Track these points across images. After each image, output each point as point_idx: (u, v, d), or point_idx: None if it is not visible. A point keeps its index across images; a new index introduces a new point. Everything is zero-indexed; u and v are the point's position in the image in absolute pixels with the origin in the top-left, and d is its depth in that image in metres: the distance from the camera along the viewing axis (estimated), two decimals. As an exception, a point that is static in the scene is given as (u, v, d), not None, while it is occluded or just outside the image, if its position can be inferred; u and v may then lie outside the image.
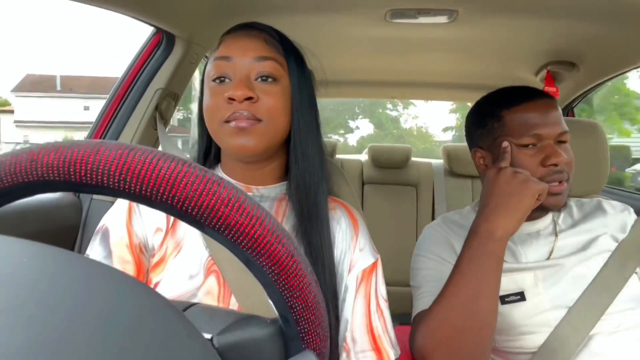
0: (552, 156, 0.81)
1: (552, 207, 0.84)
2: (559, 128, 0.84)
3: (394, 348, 0.71)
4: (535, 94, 0.88)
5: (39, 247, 0.26)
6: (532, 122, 0.83)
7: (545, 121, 0.83)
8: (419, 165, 2.42)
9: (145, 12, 1.04)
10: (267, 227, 0.31)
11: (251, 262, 0.31)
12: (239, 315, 0.37)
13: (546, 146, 0.83)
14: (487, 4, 1.06)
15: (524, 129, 0.83)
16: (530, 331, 0.82)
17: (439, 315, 0.73)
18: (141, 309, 0.25)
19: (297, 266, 0.31)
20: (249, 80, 0.67)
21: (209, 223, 0.30)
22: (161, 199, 0.30)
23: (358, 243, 0.74)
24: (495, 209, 0.73)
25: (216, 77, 0.69)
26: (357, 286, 0.71)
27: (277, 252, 0.31)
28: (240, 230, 0.30)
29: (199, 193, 0.30)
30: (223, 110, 0.66)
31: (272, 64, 0.69)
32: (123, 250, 0.67)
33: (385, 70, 1.76)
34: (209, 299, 0.66)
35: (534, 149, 0.83)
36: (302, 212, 0.69)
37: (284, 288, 0.31)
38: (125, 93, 1.24)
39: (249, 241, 0.30)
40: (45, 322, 0.20)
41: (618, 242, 0.87)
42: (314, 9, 1.13)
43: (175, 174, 0.30)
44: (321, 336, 0.34)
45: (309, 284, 0.32)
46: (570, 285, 0.83)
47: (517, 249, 0.89)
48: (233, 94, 0.65)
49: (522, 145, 0.83)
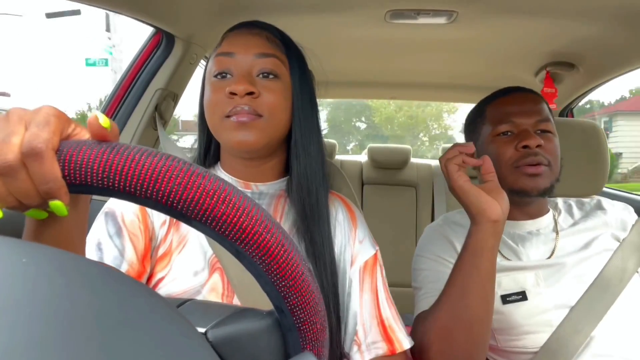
0: (525, 139, 0.84)
1: (530, 189, 0.85)
2: (536, 117, 0.87)
3: (407, 337, 0.71)
4: (515, 89, 0.93)
5: (37, 248, 0.26)
6: (509, 111, 0.89)
7: (521, 110, 0.88)
8: (419, 165, 2.42)
9: (145, 13, 1.04)
10: (255, 217, 0.30)
11: (241, 254, 0.31)
12: (234, 309, 0.36)
13: (522, 132, 0.86)
14: (486, 5, 1.06)
15: (500, 117, 0.89)
16: (532, 331, 0.82)
17: (431, 315, 0.75)
18: (137, 307, 0.25)
19: (287, 255, 0.31)
20: (250, 75, 0.68)
21: (195, 216, 0.30)
22: (145, 195, 0.30)
23: (357, 235, 0.74)
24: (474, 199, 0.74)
25: (218, 73, 0.69)
26: (361, 278, 0.71)
27: (266, 241, 0.30)
28: (227, 221, 0.30)
29: (182, 186, 0.30)
30: (224, 105, 0.66)
31: (274, 60, 0.69)
32: (134, 229, 0.66)
33: (384, 71, 1.76)
34: (213, 296, 0.66)
35: (511, 136, 0.88)
36: (304, 210, 0.70)
37: (276, 278, 0.31)
38: (125, 93, 1.24)
39: (237, 232, 0.30)
40: (44, 322, 0.20)
41: (619, 240, 0.88)
42: (313, 10, 1.13)
43: (158, 169, 0.30)
44: (318, 325, 0.33)
45: (301, 272, 0.32)
46: (572, 284, 0.83)
47: (518, 248, 0.89)
48: (235, 89, 0.65)
49: (499, 134, 0.88)
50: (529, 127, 0.86)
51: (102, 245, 0.63)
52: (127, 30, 10.06)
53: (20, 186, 0.33)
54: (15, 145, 0.32)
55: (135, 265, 0.64)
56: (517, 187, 0.85)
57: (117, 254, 0.63)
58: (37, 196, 0.33)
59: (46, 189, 0.32)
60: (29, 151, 0.32)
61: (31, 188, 0.33)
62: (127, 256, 0.63)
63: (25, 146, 0.32)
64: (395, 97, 2.33)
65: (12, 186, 0.33)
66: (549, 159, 0.85)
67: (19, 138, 0.32)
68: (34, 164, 0.32)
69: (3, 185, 0.33)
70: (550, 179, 0.85)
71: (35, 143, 0.32)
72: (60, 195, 0.33)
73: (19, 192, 0.33)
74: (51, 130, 0.33)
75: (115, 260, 0.62)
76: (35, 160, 0.32)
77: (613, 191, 1.80)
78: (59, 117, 0.34)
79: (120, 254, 0.63)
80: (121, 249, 0.64)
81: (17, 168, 0.32)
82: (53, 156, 0.32)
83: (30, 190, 0.33)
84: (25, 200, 0.34)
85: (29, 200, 0.34)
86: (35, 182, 0.32)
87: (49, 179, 0.32)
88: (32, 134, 0.32)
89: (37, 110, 0.34)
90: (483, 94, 0.98)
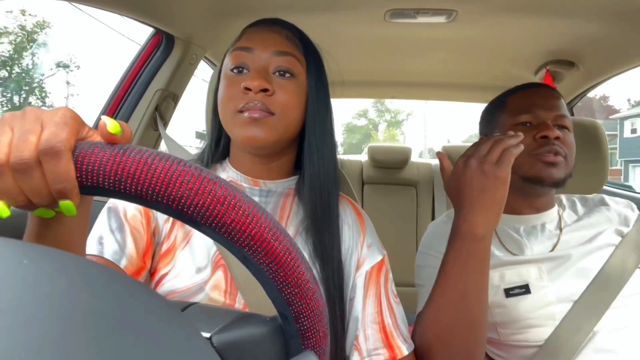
0: (545, 129, 0.86)
1: (546, 178, 0.86)
2: (556, 111, 0.89)
3: (407, 342, 0.71)
4: (540, 85, 0.95)
5: (39, 249, 0.26)
6: (531, 103, 0.91)
7: (543, 103, 0.90)
8: (419, 165, 2.42)
9: (144, 13, 1.04)
10: (264, 224, 0.31)
11: (248, 260, 0.31)
12: (238, 314, 0.36)
13: (541, 123, 0.88)
14: (485, 4, 1.06)
15: (522, 107, 0.91)
16: (534, 324, 0.82)
17: (430, 316, 0.74)
18: (140, 310, 0.24)
19: (294, 263, 0.31)
20: (267, 72, 0.68)
21: (204, 222, 0.30)
22: (156, 199, 0.30)
23: (365, 240, 0.74)
24: (472, 208, 0.70)
25: (234, 67, 0.69)
26: (366, 284, 0.71)
27: (274, 249, 0.31)
28: (236, 228, 0.30)
29: (194, 192, 0.30)
30: (237, 99, 0.66)
31: (291, 59, 0.69)
32: (137, 224, 0.66)
33: (384, 70, 1.75)
34: (216, 294, 0.66)
35: (530, 127, 0.89)
36: (315, 212, 0.69)
37: (282, 285, 0.31)
38: (125, 93, 1.24)
39: (245, 239, 0.30)
40: (45, 324, 0.20)
41: (622, 236, 0.88)
42: (313, 10, 1.13)
43: (170, 173, 0.30)
44: (321, 333, 0.33)
45: (307, 280, 0.32)
46: (575, 278, 0.83)
47: (522, 241, 0.89)
48: (250, 84, 0.65)
49: (519, 124, 0.90)
50: (548, 120, 0.88)
51: (104, 239, 0.63)
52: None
53: (34, 184, 0.33)
54: (32, 144, 0.32)
55: (134, 260, 0.63)
56: (532, 174, 0.86)
57: (117, 248, 0.63)
58: (48, 195, 0.33)
59: (59, 189, 0.32)
60: (47, 150, 0.32)
61: (44, 187, 0.33)
62: (127, 251, 0.63)
63: (44, 145, 0.32)
64: (396, 96, 2.32)
65: (24, 184, 0.33)
66: (566, 151, 0.87)
67: (35, 137, 0.33)
68: (51, 162, 0.32)
69: (15, 183, 0.33)
70: (565, 171, 0.87)
71: (55, 142, 0.32)
72: (72, 196, 0.33)
73: (31, 190, 0.33)
74: (70, 131, 0.33)
75: (115, 255, 0.62)
76: (52, 159, 0.32)
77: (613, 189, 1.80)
78: (76, 119, 0.34)
79: (121, 248, 0.63)
80: (122, 243, 0.63)
81: (32, 166, 0.32)
82: (70, 156, 0.32)
83: (43, 189, 0.33)
84: (36, 198, 0.34)
85: (40, 199, 0.34)
86: (49, 181, 0.33)
87: (64, 179, 0.32)
88: (51, 133, 0.32)
89: (55, 111, 0.34)
90: (483, 92, 0.99)
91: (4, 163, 0.32)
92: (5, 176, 0.33)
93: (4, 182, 0.33)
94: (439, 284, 0.73)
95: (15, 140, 0.32)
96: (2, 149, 0.32)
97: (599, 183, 1.14)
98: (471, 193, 0.70)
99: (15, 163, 0.32)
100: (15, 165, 0.32)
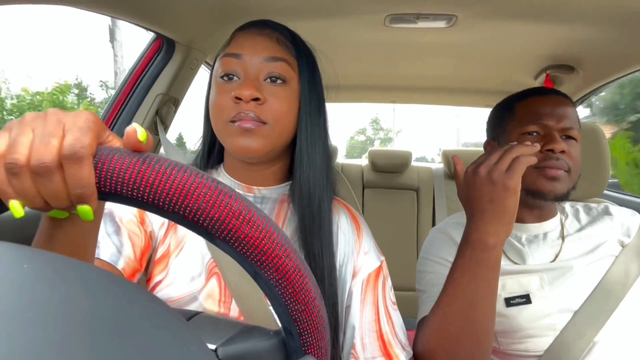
0: (551, 142, 0.84)
1: (547, 192, 0.85)
2: (565, 122, 0.87)
3: (405, 350, 0.70)
4: (549, 91, 0.92)
5: (39, 254, 0.26)
6: (539, 112, 0.88)
7: (551, 113, 0.87)
8: (419, 169, 2.42)
9: (145, 18, 1.05)
10: (276, 240, 0.31)
11: (259, 275, 0.31)
12: (242, 326, 0.37)
13: (548, 134, 0.86)
14: (485, 9, 1.07)
15: (530, 117, 0.88)
16: (535, 334, 0.82)
17: (435, 324, 0.73)
18: (144, 317, 0.24)
19: (303, 280, 0.32)
20: (257, 80, 0.66)
21: (219, 235, 0.30)
22: (173, 209, 0.30)
23: (362, 247, 0.73)
24: (483, 217, 0.69)
25: (224, 74, 0.67)
26: (363, 291, 0.70)
27: (285, 265, 0.31)
28: (249, 243, 0.30)
29: (210, 204, 0.30)
30: (229, 109, 0.65)
31: (283, 65, 0.67)
32: (133, 228, 0.66)
33: (384, 75, 1.76)
34: (210, 303, 0.65)
35: (537, 137, 0.87)
36: (304, 219, 0.68)
37: (290, 301, 0.31)
38: (125, 98, 1.24)
39: (258, 254, 0.30)
40: (46, 329, 0.20)
41: (623, 246, 0.87)
42: (313, 15, 1.13)
43: (188, 185, 0.30)
44: (323, 350, 0.34)
45: (314, 298, 0.32)
46: (576, 289, 0.83)
47: (524, 250, 0.89)
48: (240, 94, 0.63)
49: (526, 133, 0.88)
50: (556, 131, 0.86)
51: (100, 243, 0.62)
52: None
53: (53, 188, 0.32)
54: (54, 147, 0.32)
55: (131, 262, 0.63)
56: (534, 188, 0.85)
57: (114, 250, 0.62)
58: (66, 199, 0.33)
59: (79, 194, 0.32)
60: (71, 155, 0.31)
61: (63, 191, 0.33)
62: (124, 252, 0.63)
63: (68, 149, 0.31)
64: (396, 100, 2.33)
65: (43, 187, 0.32)
66: (570, 165, 0.85)
67: (57, 140, 0.32)
68: (73, 167, 0.31)
69: (34, 185, 0.32)
70: (567, 185, 0.85)
71: (78, 147, 0.31)
72: (91, 201, 0.32)
73: (50, 193, 0.33)
74: (92, 136, 0.32)
75: (112, 257, 0.62)
76: (75, 164, 0.31)
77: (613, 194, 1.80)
78: (98, 123, 0.34)
79: (118, 250, 0.62)
80: (119, 245, 0.63)
81: (53, 170, 0.32)
82: (91, 162, 0.32)
83: (62, 192, 0.33)
84: (53, 202, 0.33)
85: (58, 202, 0.33)
86: (69, 186, 0.32)
87: (84, 184, 0.32)
88: (75, 139, 0.32)
89: (77, 115, 0.34)
90: (483, 97, 0.98)
91: (24, 164, 0.32)
92: (23, 177, 0.32)
93: (22, 184, 0.32)
94: (446, 292, 0.72)
95: (37, 142, 0.32)
96: (22, 151, 0.32)
97: (599, 188, 1.14)
98: (481, 201, 0.69)
99: (35, 166, 0.31)
100: (35, 168, 0.32)
